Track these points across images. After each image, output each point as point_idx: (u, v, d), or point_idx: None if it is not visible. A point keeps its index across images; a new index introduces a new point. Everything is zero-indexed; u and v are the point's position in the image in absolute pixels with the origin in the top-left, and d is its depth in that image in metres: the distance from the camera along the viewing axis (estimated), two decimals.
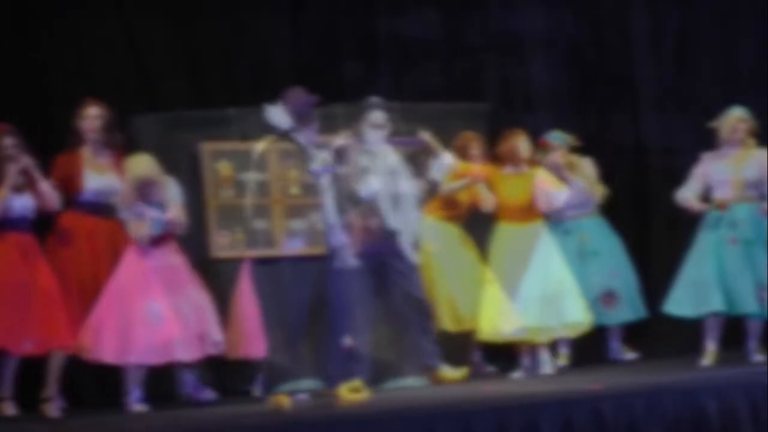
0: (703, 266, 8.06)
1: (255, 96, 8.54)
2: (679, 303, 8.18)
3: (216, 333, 7.50)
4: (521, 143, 8.44)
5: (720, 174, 8.12)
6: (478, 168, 8.42)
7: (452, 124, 8.68)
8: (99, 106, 7.58)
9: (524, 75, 9.82)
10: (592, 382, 7.42)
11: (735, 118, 8.15)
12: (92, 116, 7.52)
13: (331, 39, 9.50)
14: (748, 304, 7.97)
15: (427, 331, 7.97)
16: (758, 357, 8.13)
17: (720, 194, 8.15)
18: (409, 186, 8.29)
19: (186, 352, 7.37)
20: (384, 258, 7.90)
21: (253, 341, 7.74)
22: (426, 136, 8.39)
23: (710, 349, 8.08)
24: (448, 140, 8.47)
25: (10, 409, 7.11)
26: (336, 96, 8.90)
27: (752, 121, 8.19)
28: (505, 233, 8.41)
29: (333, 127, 8.33)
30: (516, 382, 7.99)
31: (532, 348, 8.41)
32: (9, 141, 7.17)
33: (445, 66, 9.73)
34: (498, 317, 8.29)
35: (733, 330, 8.30)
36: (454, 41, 9.77)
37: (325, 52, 9.44)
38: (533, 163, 8.50)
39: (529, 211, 8.38)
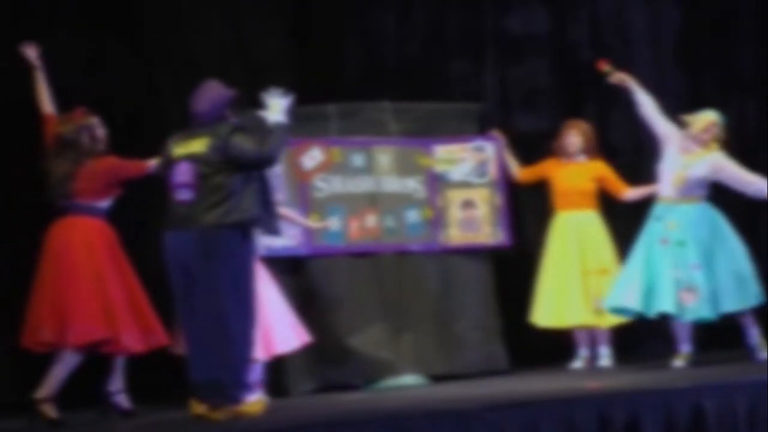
0: (635, 268, 8.07)
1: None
2: (619, 297, 8.17)
3: None
4: (569, 138, 8.66)
5: (670, 166, 8.10)
6: None
7: (444, 124, 8.72)
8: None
9: (522, 74, 9.83)
10: (592, 380, 7.45)
11: (710, 121, 8.11)
12: (100, 125, 7.25)
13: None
14: (667, 304, 7.94)
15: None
16: (763, 354, 8.10)
17: (664, 191, 8.13)
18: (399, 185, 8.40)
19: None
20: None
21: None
22: (499, 135, 8.69)
23: (682, 351, 8.11)
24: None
25: (52, 412, 6.90)
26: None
27: (724, 130, 8.14)
28: (561, 221, 8.63)
29: (326, 127, 8.36)
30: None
31: (591, 338, 8.63)
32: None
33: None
34: (554, 304, 8.51)
35: (734, 329, 8.31)
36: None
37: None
38: (592, 152, 8.66)
39: (584, 199, 8.61)
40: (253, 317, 6.46)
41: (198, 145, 6.42)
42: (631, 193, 8.64)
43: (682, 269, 7.94)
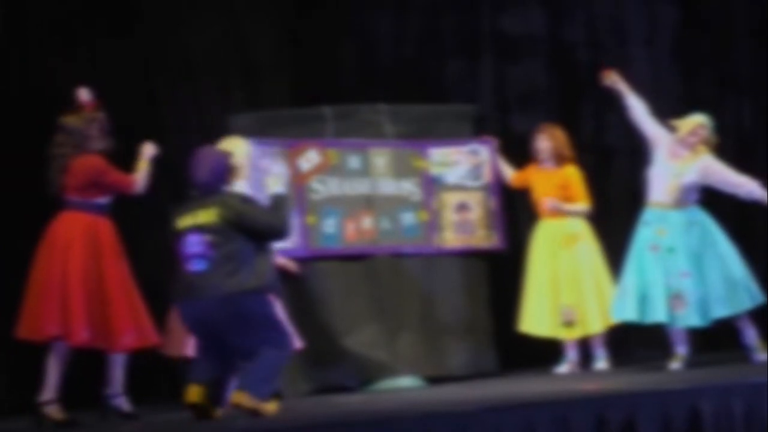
0: (629, 278, 8.06)
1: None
2: (621, 310, 8.16)
3: None
4: (538, 143, 8.60)
5: (660, 171, 8.07)
6: None
7: (439, 125, 8.72)
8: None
9: (518, 74, 9.83)
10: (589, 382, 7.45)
11: (697, 123, 8.06)
12: (106, 121, 7.22)
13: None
14: (660, 314, 7.92)
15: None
16: (760, 356, 8.07)
17: (655, 196, 8.10)
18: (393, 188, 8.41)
19: None
20: None
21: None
22: (493, 139, 8.71)
23: (678, 353, 8.09)
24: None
25: (59, 413, 6.88)
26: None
27: (712, 133, 8.08)
28: (544, 228, 8.58)
29: (322, 129, 8.36)
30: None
31: (582, 341, 8.58)
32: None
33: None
34: (540, 310, 8.49)
35: (731, 331, 8.29)
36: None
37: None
38: (563, 158, 8.56)
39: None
40: (289, 337, 6.58)
41: (206, 216, 6.45)
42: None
43: (672, 277, 7.93)
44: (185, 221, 6.51)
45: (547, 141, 8.59)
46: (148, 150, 7.23)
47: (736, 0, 10.25)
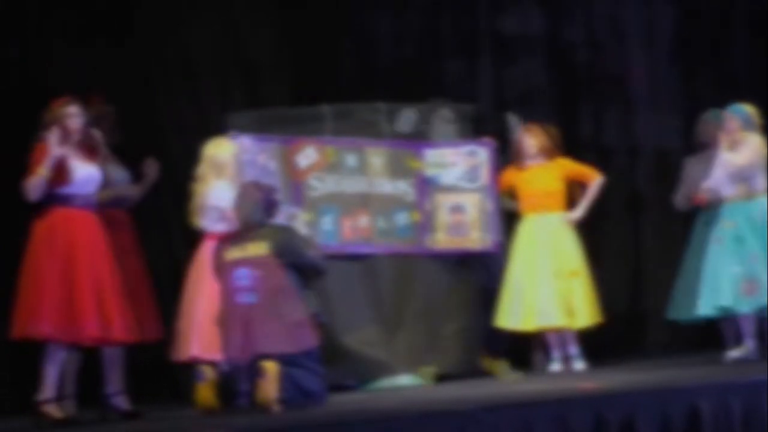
0: (691, 271, 8.02)
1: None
2: (677, 308, 8.13)
3: None
4: (528, 140, 8.55)
5: (703, 175, 8.06)
6: None
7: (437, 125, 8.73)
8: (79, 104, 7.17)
9: (517, 74, 9.84)
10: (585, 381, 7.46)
11: (705, 123, 8.13)
12: (75, 114, 7.05)
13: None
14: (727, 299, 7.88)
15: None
16: None
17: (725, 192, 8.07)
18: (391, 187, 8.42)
19: None
20: None
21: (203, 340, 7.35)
22: (492, 140, 8.63)
23: (744, 345, 8.01)
24: None
25: (57, 412, 6.85)
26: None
27: (721, 121, 8.03)
28: (528, 223, 8.55)
29: (320, 128, 8.37)
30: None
31: (561, 340, 8.53)
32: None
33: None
34: (523, 307, 8.43)
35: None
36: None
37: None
38: (552, 153, 8.56)
39: (549, 201, 8.52)
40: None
41: (255, 249, 6.70)
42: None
43: (745, 263, 7.85)
44: (233, 254, 6.72)
45: (532, 138, 8.56)
46: (55, 151, 6.93)
47: (735, 0, 10.26)
